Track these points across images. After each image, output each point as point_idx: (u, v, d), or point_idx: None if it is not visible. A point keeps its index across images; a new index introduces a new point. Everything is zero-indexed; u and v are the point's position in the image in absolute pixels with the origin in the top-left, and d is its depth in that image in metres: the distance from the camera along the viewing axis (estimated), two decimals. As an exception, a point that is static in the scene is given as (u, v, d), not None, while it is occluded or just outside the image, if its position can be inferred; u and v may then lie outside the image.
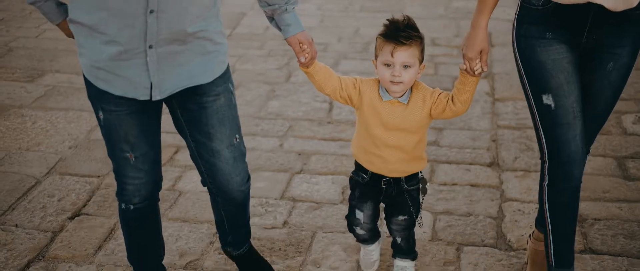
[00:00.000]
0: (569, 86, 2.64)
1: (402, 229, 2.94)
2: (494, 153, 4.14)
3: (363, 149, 2.82)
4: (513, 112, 4.63)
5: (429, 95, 2.74)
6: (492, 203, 3.66)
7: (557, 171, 2.69)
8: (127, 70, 2.42)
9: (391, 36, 2.63)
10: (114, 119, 2.55)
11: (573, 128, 2.65)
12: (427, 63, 5.42)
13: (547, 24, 2.61)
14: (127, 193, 2.70)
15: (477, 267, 3.17)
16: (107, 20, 2.34)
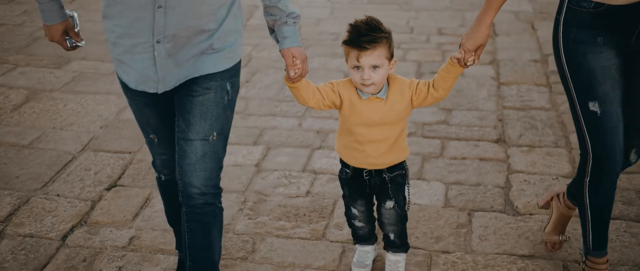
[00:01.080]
0: (614, 93, 2.69)
1: (392, 222, 2.98)
2: (500, 130, 4.41)
3: (345, 145, 2.88)
4: (517, 95, 4.90)
5: (407, 86, 2.79)
6: (499, 174, 3.93)
7: (601, 170, 2.79)
8: (138, 63, 2.52)
9: (354, 43, 2.66)
10: (135, 106, 2.71)
11: (617, 132, 2.72)
12: (434, 51, 5.72)
13: (599, 28, 2.63)
14: (157, 165, 2.89)
15: (487, 229, 3.44)
16: (121, 13, 2.46)
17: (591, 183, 2.82)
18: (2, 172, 3.98)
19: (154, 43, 2.47)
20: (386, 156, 2.85)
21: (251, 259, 3.27)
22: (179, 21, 2.44)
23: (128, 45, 2.50)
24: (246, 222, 3.53)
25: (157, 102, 2.66)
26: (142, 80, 2.55)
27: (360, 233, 3.09)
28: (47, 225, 3.51)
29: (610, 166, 2.77)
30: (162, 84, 2.55)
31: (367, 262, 3.11)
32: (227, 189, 3.81)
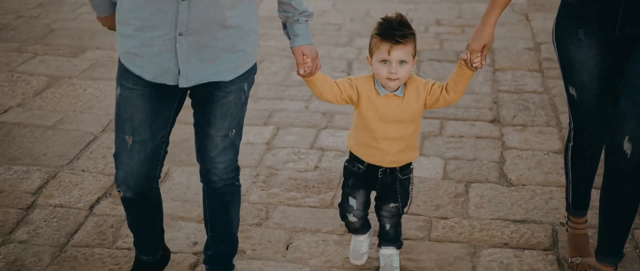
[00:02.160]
0: (590, 84, 2.84)
1: (391, 216, 3.07)
2: (495, 111, 4.69)
3: (361, 143, 2.93)
4: (512, 79, 5.18)
5: (422, 86, 2.86)
6: (494, 150, 4.21)
7: (580, 138, 3.03)
8: (158, 56, 2.54)
9: (387, 35, 2.73)
10: (127, 97, 2.65)
11: (593, 116, 2.92)
12: (433, 40, 6.00)
13: (581, 18, 2.75)
14: (118, 179, 2.78)
15: (483, 198, 3.73)
16: (142, 5, 2.48)
17: (573, 148, 3.07)
18: (30, 150, 4.25)
19: (176, 35, 2.50)
20: (401, 154, 2.93)
21: (265, 225, 3.55)
22: (202, 14, 2.48)
23: (147, 38, 2.52)
24: (259, 193, 3.81)
25: (156, 97, 2.65)
26: (161, 72, 2.58)
27: (353, 227, 3.14)
28: (75, 197, 3.79)
29: (589, 138, 3.00)
30: (185, 78, 2.58)
31: (363, 251, 3.18)
32: (241, 164, 4.07)
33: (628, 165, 2.76)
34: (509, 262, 3.23)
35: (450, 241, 3.39)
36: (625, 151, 2.74)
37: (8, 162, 4.11)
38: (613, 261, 3.00)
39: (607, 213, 2.93)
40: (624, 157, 2.75)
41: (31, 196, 3.79)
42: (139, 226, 2.95)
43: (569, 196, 3.19)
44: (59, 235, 3.47)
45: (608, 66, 2.81)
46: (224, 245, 2.95)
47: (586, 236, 3.20)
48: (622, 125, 2.75)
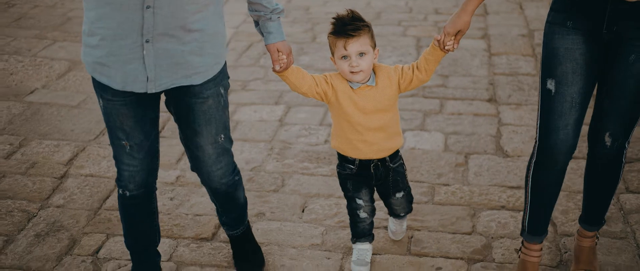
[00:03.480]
0: (574, 76, 2.74)
1: (404, 207, 3.18)
2: (491, 92, 5.01)
3: (346, 139, 2.96)
4: (507, 63, 5.49)
5: (392, 72, 2.91)
6: (491, 126, 4.53)
7: (543, 154, 2.88)
8: (126, 64, 2.55)
9: (340, 32, 2.79)
10: (111, 108, 2.69)
11: (566, 117, 2.78)
12: (432, 28, 6.31)
13: (569, 12, 2.73)
14: (123, 179, 2.84)
15: (481, 167, 4.04)
16: (109, 15, 2.48)
17: (535, 166, 2.92)
18: (59, 127, 4.55)
19: (143, 43, 2.51)
20: (387, 142, 2.97)
21: (281, 191, 3.86)
22: (167, 20, 2.50)
23: (114, 47, 2.53)
24: (275, 164, 4.12)
25: (138, 104, 2.68)
26: (129, 80, 2.58)
27: (362, 226, 3.15)
28: (103, 167, 4.09)
29: (552, 153, 2.85)
30: (153, 83, 2.59)
31: (367, 260, 3.18)
32: (256, 139, 4.40)
33: (608, 153, 2.90)
34: (506, 222, 3.55)
35: (452, 204, 3.71)
36: (605, 143, 2.87)
37: (39, 137, 4.41)
38: (595, 228, 3.14)
39: (589, 189, 3.07)
40: (605, 147, 2.88)
41: (63, 167, 4.09)
42: (140, 234, 2.99)
43: (525, 220, 3.04)
44: (92, 200, 3.78)
45: (592, 61, 2.76)
46: (234, 213, 3.14)
47: (536, 266, 3.06)
48: (605, 122, 2.84)
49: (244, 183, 3.91)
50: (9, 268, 3.26)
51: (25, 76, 5.29)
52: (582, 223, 3.15)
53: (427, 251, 3.34)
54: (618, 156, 2.92)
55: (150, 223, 2.99)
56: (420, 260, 3.29)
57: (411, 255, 3.33)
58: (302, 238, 3.45)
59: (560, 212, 3.60)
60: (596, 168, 2.99)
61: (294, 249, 3.38)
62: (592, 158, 2.98)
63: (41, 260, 3.31)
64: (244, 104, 4.84)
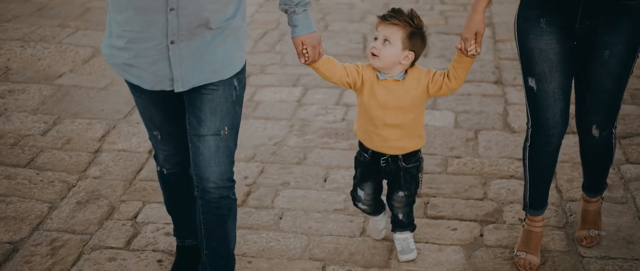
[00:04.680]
0: (551, 74, 2.88)
1: (402, 205, 3.17)
2: (497, 75, 5.28)
3: (363, 128, 3.03)
4: (511, 49, 5.75)
5: (424, 75, 2.95)
6: (498, 105, 4.79)
7: (537, 137, 3.05)
8: (152, 65, 2.60)
9: (383, 15, 2.91)
10: (141, 103, 2.81)
11: (552, 108, 2.95)
12: (438, 17, 6.57)
13: (542, 8, 2.81)
14: (160, 160, 2.99)
15: (490, 142, 4.31)
16: (133, 18, 2.53)
17: (531, 149, 3.10)
18: (89, 107, 4.81)
19: (168, 44, 2.55)
20: (402, 141, 3.01)
21: (304, 163, 4.12)
22: (190, 20, 2.53)
23: (140, 49, 2.58)
24: (296, 139, 4.38)
25: (162, 100, 2.75)
26: (157, 80, 2.64)
27: (367, 211, 3.28)
28: (134, 143, 4.35)
29: (544, 136, 3.03)
30: (180, 83, 2.63)
31: (381, 227, 3.32)
32: (277, 117, 4.66)
33: (597, 143, 3.07)
34: (515, 189, 3.81)
35: (464, 174, 3.98)
36: (594, 135, 3.03)
37: (71, 116, 4.67)
38: (597, 194, 3.31)
39: (586, 167, 3.25)
40: (594, 138, 3.04)
41: (97, 143, 4.35)
42: (180, 203, 3.10)
43: (526, 196, 3.20)
44: (127, 172, 4.03)
45: (567, 59, 2.88)
46: (222, 260, 2.91)
47: (539, 235, 3.23)
48: (590, 116, 2.98)
49: (268, 157, 4.17)
50: (56, 231, 3.51)
51: (53, 62, 5.54)
52: (584, 190, 3.33)
53: (443, 215, 3.61)
54: (608, 143, 3.09)
55: (189, 192, 3.00)
56: (437, 222, 3.54)
57: (428, 218, 3.59)
58: (325, 204, 3.71)
59: (565, 181, 3.86)
60: (589, 153, 3.16)
61: (319, 213, 3.64)
62: (583, 145, 3.15)
63: (84, 224, 3.57)
64: (263, 86, 5.10)
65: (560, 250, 3.32)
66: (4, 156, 4.17)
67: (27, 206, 3.70)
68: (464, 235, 3.43)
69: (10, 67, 5.42)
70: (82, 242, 3.42)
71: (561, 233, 3.43)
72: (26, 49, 5.71)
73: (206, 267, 2.92)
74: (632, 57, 2.85)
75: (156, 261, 3.29)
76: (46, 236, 3.46)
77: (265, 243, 3.40)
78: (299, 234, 3.47)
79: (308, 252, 3.33)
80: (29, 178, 3.94)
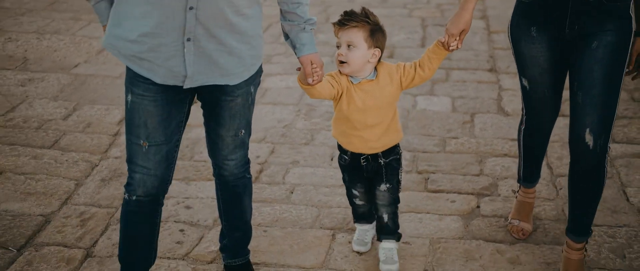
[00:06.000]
0: (541, 77, 3.03)
1: (386, 203, 3.16)
2: (492, 63, 5.57)
3: (342, 132, 3.06)
4: (504, 40, 6.03)
5: (394, 70, 2.96)
6: (492, 91, 5.08)
7: (530, 124, 3.26)
8: (166, 60, 2.58)
9: (338, 20, 2.91)
10: (139, 104, 2.66)
11: (543, 101, 3.12)
12: (435, 10, 6.86)
13: (533, 18, 2.91)
14: (133, 182, 2.75)
15: (486, 124, 4.60)
16: (149, 13, 2.51)
17: (525, 130, 3.30)
18: (105, 94, 5.08)
19: (184, 41, 2.55)
20: (382, 139, 3.04)
21: (312, 144, 4.40)
22: (208, 21, 2.54)
23: (154, 44, 2.55)
24: (303, 122, 4.66)
25: (166, 102, 2.67)
26: (171, 75, 2.62)
27: (361, 210, 3.31)
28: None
29: (539, 121, 3.22)
30: (190, 80, 2.62)
31: (367, 240, 3.34)
32: (285, 102, 4.94)
33: (591, 156, 2.91)
34: (509, 166, 4.10)
35: (461, 153, 4.26)
36: (587, 143, 2.88)
37: (90, 103, 4.94)
38: (582, 239, 3.11)
39: (574, 198, 3.07)
40: (587, 148, 2.89)
41: (116, 126, 4.62)
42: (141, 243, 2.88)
43: (520, 171, 3.43)
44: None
45: (557, 62, 2.99)
46: (239, 232, 3.09)
47: (531, 205, 3.48)
48: (583, 119, 2.89)
49: (278, 138, 4.45)
50: (83, 205, 3.78)
51: (68, 52, 5.81)
52: (569, 234, 3.12)
53: (443, 188, 3.89)
54: (601, 160, 2.93)
55: (149, 238, 2.88)
56: (436, 195, 3.83)
57: (428, 191, 3.88)
58: (333, 180, 3.99)
59: (555, 158, 4.15)
60: (578, 176, 3.01)
61: (327, 188, 3.92)
62: (574, 163, 3.01)
63: (109, 199, 3.84)
64: (270, 75, 5.38)
65: (551, 219, 3.61)
66: (29, 138, 4.44)
67: (55, 183, 3.97)
68: (462, 206, 3.72)
69: (28, 58, 5.68)
70: (108, 214, 3.70)
71: (551, 204, 3.72)
72: (42, 40, 5.98)
73: (225, 237, 3.12)
74: (623, 54, 2.84)
75: (178, 231, 3.56)
76: (75, 210, 3.73)
77: (279, 214, 3.68)
78: (309, 206, 3.75)
79: (318, 222, 3.61)
80: (54, 158, 4.22)
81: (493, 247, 3.39)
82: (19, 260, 3.33)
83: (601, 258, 3.31)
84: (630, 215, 3.62)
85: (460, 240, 3.45)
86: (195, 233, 3.53)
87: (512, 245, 3.41)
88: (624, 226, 3.53)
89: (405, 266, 3.27)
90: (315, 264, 3.30)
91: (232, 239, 3.09)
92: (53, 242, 3.47)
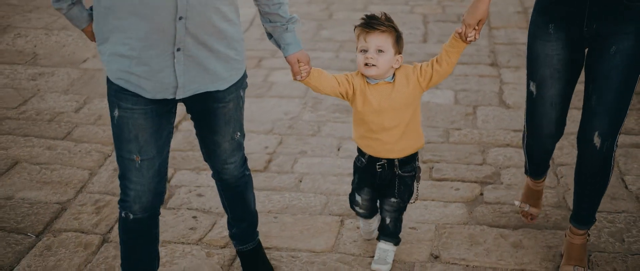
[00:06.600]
0: (552, 80, 2.96)
1: (393, 210, 3.19)
2: (493, 58, 5.68)
3: (361, 135, 3.07)
4: (505, 35, 6.16)
5: (411, 71, 2.97)
6: (494, 85, 5.20)
7: (532, 140, 3.21)
8: (156, 73, 2.54)
9: (366, 24, 2.90)
10: (128, 118, 2.61)
11: (548, 116, 3.05)
12: (436, 6, 6.97)
13: (551, 15, 2.87)
14: (128, 199, 2.72)
15: (488, 116, 4.71)
16: (137, 25, 2.47)
17: (527, 145, 3.29)
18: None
19: (174, 51, 2.52)
20: (400, 143, 3.02)
21: (318, 135, 4.51)
22: (197, 29, 2.52)
23: (143, 56, 2.52)
24: (310, 114, 4.77)
25: (156, 114, 2.65)
26: (160, 88, 2.59)
27: (363, 214, 3.31)
28: (161, 119, 4.73)
29: (539, 142, 3.19)
30: (182, 90, 2.61)
31: (372, 228, 3.37)
32: (291, 95, 5.05)
33: (597, 155, 2.99)
34: (511, 156, 4.22)
35: (464, 143, 4.38)
36: (595, 144, 2.95)
37: (100, 96, 5.04)
38: (586, 227, 3.22)
39: (580, 190, 3.14)
40: (594, 148, 2.96)
41: (127, 119, 4.73)
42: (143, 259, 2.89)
43: (526, 166, 3.41)
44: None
45: (570, 65, 2.96)
46: (245, 222, 3.14)
47: (541, 192, 3.50)
48: (593, 122, 2.93)
49: (285, 130, 4.56)
50: (98, 193, 3.89)
51: (76, 48, 5.91)
52: (573, 221, 3.22)
53: (447, 177, 4.01)
54: (607, 158, 2.99)
55: (150, 249, 2.89)
56: (441, 184, 3.95)
57: (433, 180, 3.99)
58: (340, 169, 4.11)
59: (557, 148, 4.24)
60: (586, 170, 3.06)
61: (335, 177, 4.03)
62: (581, 161, 3.06)
63: (123, 188, 3.95)
64: (276, 69, 5.49)
65: (552, 205, 3.72)
66: (43, 130, 4.54)
67: (69, 172, 4.08)
68: (466, 194, 3.83)
69: (38, 53, 5.79)
70: (122, 202, 3.80)
71: (552, 192, 3.83)
72: (51, 36, 6.08)
73: (233, 227, 3.17)
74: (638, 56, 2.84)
75: (191, 217, 3.68)
76: (90, 198, 3.84)
77: (288, 202, 3.79)
78: (317, 194, 3.86)
79: (327, 208, 3.73)
80: (68, 149, 4.32)
81: (496, 232, 3.50)
82: (38, 245, 3.44)
83: (601, 242, 3.43)
84: (629, 202, 3.73)
85: (464, 225, 3.56)
86: (208, 220, 3.64)
87: (515, 229, 3.52)
88: (622, 212, 3.64)
89: (411, 250, 3.38)
90: (325, 248, 3.41)
91: (240, 228, 3.15)
92: (70, 228, 3.58)
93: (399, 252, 3.34)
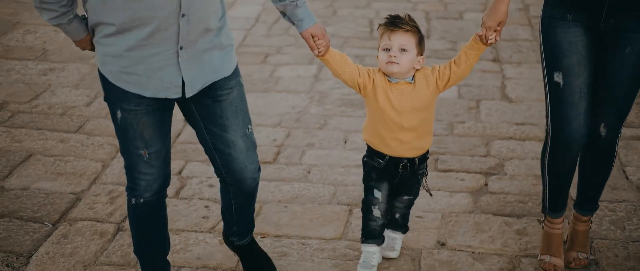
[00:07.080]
0: (579, 68, 2.86)
1: (404, 207, 3.27)
2: (495, 54, 5.78)
3: (378, 135, 3.02)
4: (507, 31, 6.24)
5: (430, 72, 2.99)
6: (496, 80, 5.30)
7: (558, 146, 3.02)
8: (158, 71, 2.54)
9: (390, 23, 2.91)
10: (132, 118, 2.64)
11: (577, 108, 2.90)
12: (438, 3, 7.07)
13: (568, 7, 2.83)
14: (139, 189, 2.78)
15: (491, 109, 4.82)
16: (140, 26, 2.46)
17: (551, 155, 3.09)
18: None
19: (178, 50, 2.53)
20: (419, 141, 3.04)
21: (325, 128, 4.61)
22: (198, 25, 2.53)
23: (144, 55, 2.51)
24: (317, 108, 4.87)
25: (159, 110, 2.67)
26: (163, 87, 2.58)
27: (373, 225, 3.16)
28: (171, 113, 4.83)
29: (567, 142, 3.00)
30: (190, 88, 2.61)
31: (373, 263, 3.20)
32: (297, 90, 5.15)
33: (603, 145, 3.06)
34: (514, 148, 4.32)
35: (468, 135, 4.48)
36: (600, 133, 3.00)
37: (110, 90, 5.14)
38: (590, 213, 3.28)
39: (584, 176, 3.19)
40: (600, 138, 3.01)
41: (137, 112, 4.82)
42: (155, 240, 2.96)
43: (545, 200, 3.22)
44: (167, 137, 4.51)
45: (593, 52, 2.89)
46: (247, 219, 3.12)
47: (560, 236, 3.25)
48: (600, 115, 2.96)
49: (292, 123, 4.66)
50: (111, 184, 3.99)
51: (85, 44, 6.00)
52: (576, 208, 3.28)
53: (452, 168, 4.11)
54: (612, 146, 3.08)
55: (161, 231, 2.96)
56: (446, 174, 4.05)
57: (438, 171, 4.09)
58: (347, 161, 4.21)
59: (558, 141, 4.37)
60: (590, 156, 3.12)
61: (342, 168, 4.13)
62: (587, 150, 3.09)
63: (135, 179, 4.04)
64: (281, 65, 5.59)
65: (555, 195, 3.83)
66: (55, 123, 4.64)
67: (82, 164, 4.18)
68: (471, 184, 3.94)
69: (48, 49, 5.89)
70: (136, 193, 3.90)
71: (555, 182, 3.94)
72: (59, 32, 6.17)
73: (233, 225, 3.12)
74: None
75: (204, 207, 3.77)
76: (103, 188, 3.94)
77: (298, 192, 3.89)
78: (326, 184, 3.96)
79: (336, 198, 3.83)
80: (81, 142, 4.42)
81: (501, 220, 3.60)
82: (55, 233, 3.54)
83: (603, 229, 3.53)
84: (630, 191, 3.84)
85: (470, 214, 3.66)
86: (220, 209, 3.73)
87: (520, 218, 3.62)
88: (623, 201, 3.75)
89: (419, 238, 3.48)
90: (335, 236, 3.51)
91: (242, 225, 3.13)
92: (85, 217, 3.67)
93: (406, 239, 3.44)
